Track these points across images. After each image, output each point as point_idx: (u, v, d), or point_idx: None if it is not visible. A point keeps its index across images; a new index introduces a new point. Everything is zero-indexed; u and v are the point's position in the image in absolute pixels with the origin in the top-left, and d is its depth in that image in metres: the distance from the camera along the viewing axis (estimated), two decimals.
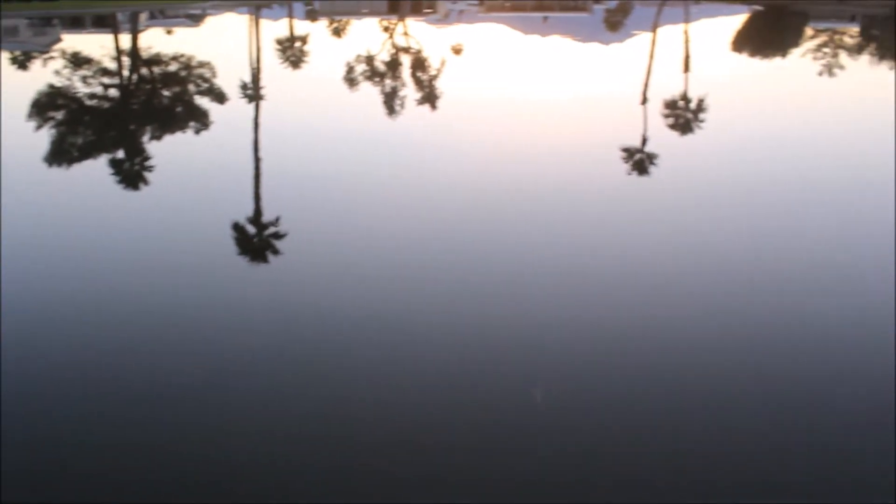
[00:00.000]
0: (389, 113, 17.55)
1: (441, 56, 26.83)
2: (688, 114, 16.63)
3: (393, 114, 17.48)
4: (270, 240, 8.96)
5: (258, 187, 11.32)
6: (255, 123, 16.39)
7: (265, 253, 8.72)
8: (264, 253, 8.73)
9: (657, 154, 12.88)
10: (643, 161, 12.60)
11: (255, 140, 14.53)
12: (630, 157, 12.78)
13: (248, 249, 8.87)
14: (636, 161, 12.61)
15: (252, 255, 8.77)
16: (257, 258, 8.69)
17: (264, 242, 8.98)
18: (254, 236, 9.23)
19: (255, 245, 9.01)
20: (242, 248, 8.88)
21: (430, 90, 20.58)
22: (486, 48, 32.81)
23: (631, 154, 12.89)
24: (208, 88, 20.43)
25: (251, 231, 9.31)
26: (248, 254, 8.79)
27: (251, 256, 8.74)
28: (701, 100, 17.59)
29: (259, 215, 9.81)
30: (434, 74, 23.41)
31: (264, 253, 8.73)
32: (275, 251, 8.68)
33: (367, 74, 23.26)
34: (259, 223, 9.54)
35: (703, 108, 16.98)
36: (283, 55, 28.87)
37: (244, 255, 8.75)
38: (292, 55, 29.04)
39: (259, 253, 8.79)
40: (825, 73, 24.27)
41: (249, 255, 8.77)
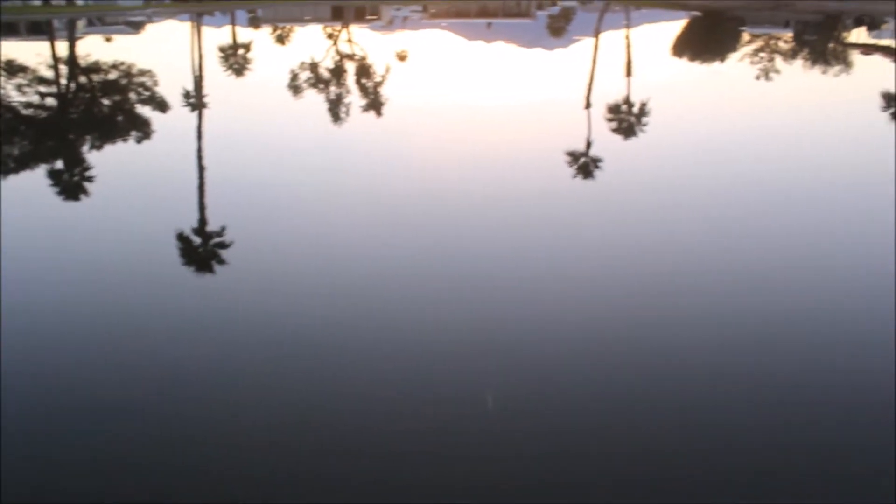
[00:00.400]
0: (334, 120, 17.48)
1: (386, 63, 26.82)
2: (631, 118, 16.89)
3: (338, 121, 17.40)
4: (216, 250, 8.85)
5: (202, 197, 11.17)
6: (198, 132, 16.17)
7: (211, 263, 8.61)
8: (210, 263, 8.62)
9: (601, 158, 13.06)
10: (588, 165, 12.76)
11: (198, 149, 14.34)
12: (575, 161, 12.93)
13: (193, 260, 8.74)
14: (581, 165, 12.76)
15: (197, 265, 8.65)
16: (203, 269, 8.57)
17: (210, 252, 8.87)
18: (199, 246, 9.10)
19: (200, 255, 8.88)
20: (187, 258, 8.75)
21: (375, 97, 20.55)
22: (431, 54, 32.88)
23: (576, 158, 13.04)
24: (150, 97, 20.11)
25: (196, 241, 9.19)
26: (194, 264, 8.66)
27: (196, 267, 8.62)
28: (644, 104, 17.88)
29: (204, 225, 9.68)
30: (379, 81, 23.39)
31: (210, 263, 8.62)
32: (220, 261, 8.57)
33: (311, 81, 23.13)
34: (204, 233, 9.41)
35: (645, 111, 17.27)
36: (226, 63, 28.55)
37: (189, 265, 8.62)
38: (235, 63, 28.73)
39: (204, 263, 8.67)
40: (762, 76, 24.89)
41: (195, 265, 8.65)
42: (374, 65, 27.21)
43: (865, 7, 55.50)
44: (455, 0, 67.71)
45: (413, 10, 59.15)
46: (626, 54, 31.44)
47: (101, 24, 47.76)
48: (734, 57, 30.94)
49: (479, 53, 33.84)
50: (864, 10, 53.76)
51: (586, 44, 36.68)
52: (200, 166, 13.00)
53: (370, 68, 26.58)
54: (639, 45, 35.67)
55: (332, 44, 35.00)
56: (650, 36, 43.58)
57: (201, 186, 11.73)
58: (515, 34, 43.43)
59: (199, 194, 11.31)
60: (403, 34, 43.17)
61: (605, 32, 42.37)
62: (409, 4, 62.44)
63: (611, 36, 40.38)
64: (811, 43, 38.59)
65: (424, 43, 37.99)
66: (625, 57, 30.23)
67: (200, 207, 10.59)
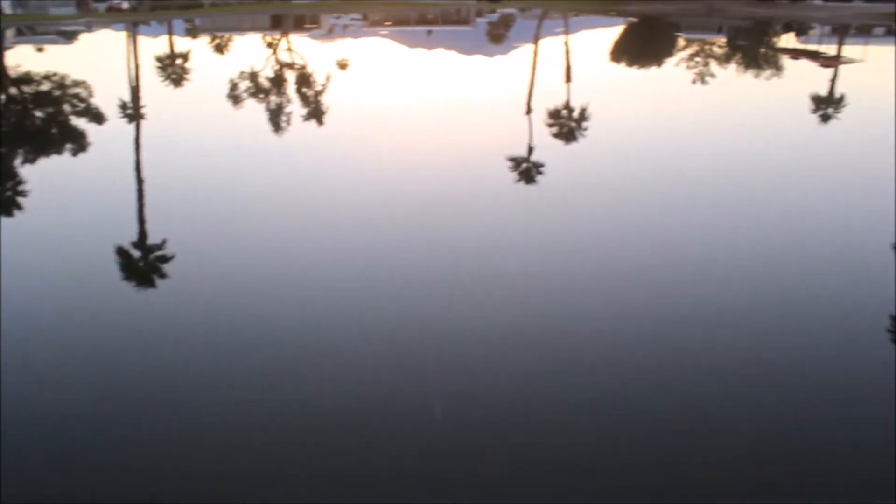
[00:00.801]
0: (275, 129, 17.34)
1: (326, 71, 26.70)
2: (571, 122, 17.11)
3: (279, 130, 17.27)
4: (157, 263, 8.71)
5: (142, 209, 10.99)
6: (136, 143, 15.87)
7: (152, 277, 8.47)
8: (151, 277, 8.48)
9: (543, 163, 13.21)
10: (530, 170, 12.90)
11: (136, 161, 14.08)
12: (517, 166, 13.06)
13: (133, 274, 8.60)
14: (523, 170, 12.89)
15: (138, 279, 8.51)
16: (144, 282, 8.44)
17: (150, 266, 8.73)
18: (139, 260, 8.95)
19: (140, 269, 8.74)
20: (128, 272, 8.60)
21: (315, 105, 20.45)
22: (372, 62, 32.84)
23: (518, 163, 13.17)
24: (85, 108, 19.69)
25: (136, 255, 9.04)
26: (134, 278, 8.52)
27: (137, 281, 8.48)
28: (583, 108, 18.12)
29: (144, 238, 9.52)
30: (319, 90, 23.28)
31: (151, 277, 8.48)
32: (161, 274, 8.44)
33: (251, 91, 22.91)
34: (144, 246, 9.26)
35: (585, 116, 17.50)
36: (163, 73, 28.09)
37: (130, 279, 8.48)
38: (173, 73, 28.30)
39: (145, 277, 8.53)
40: (698, 80, 25.46)
41: (135, 279, 8.51)
42: (313, 73, 27.06)
43: (793, 13, 57.23)
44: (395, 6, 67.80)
45: (353, 18, 58.98)
46: (566, 60, 31.83)
47: (31, 33, 46.57)
48: (671, 61, 31.57)
49: (419, 61, 33.93)
50: (792, 16, 55.42)
51: (526, 50, 37.03)
52: (139, 178, 12.78)
53: (310, 77, 26.44)
54: (578, 51, 36.15)
55: (271, 53, 34.72)
56: (589, 42, 44.20)
57: (140, 199, 11.54)
58: (456, 41, 43.64)
59: (139, 207, 11.12)
60: (344, 42, 43.03)
61: (544, 39, 42.84)
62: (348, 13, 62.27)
63: (550, 42, 40.86)
64: (744, 48, 39.62)
65: (365, 51, 37.92)
66: (564, 63, 30.61)
67: (140, 220, 10.42)
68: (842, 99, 20.71)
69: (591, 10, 64.90)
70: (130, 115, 19.33)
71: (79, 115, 19.09)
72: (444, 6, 68.77)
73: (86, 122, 18.04)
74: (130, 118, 19.03)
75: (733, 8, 60.07)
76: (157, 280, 8.38)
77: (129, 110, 19.97)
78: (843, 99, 20.68)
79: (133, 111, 19.96)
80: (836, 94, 22.02)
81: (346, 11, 63.59)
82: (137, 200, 11.45)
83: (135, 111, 20.01)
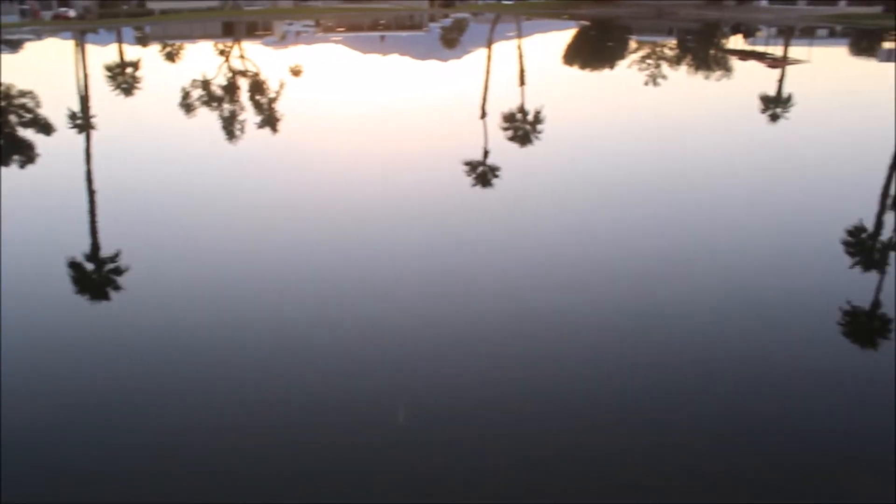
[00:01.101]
0: (229, 137, 17.17)
1: (280, 78, 26.52)
2: (526, 126, 17.23)
3: (233, 138, 17.11)
4: (111, 276, 8.57)
5: (94, 221, 10.80)
6: (86, 154, 15.59)
7: (106, 290, 8.34)
8: (105, 290, 8.35)
9: (499, 166, 13.29)
10: (486, 173, 12.96)
11: (87, 172, 13.84)
12: (473, 170, 13.12)
13: (87, 287, 8.45)
14: (479, 174, 12.95)
15: (92, 292, 8.37)
16: (98, 296, 8.30)
17: (104, 279, 8.59)
18: (93, 273, 8.81)
19: (94, 282, 8.59)
20: (81, 286, 8.46)
21: (270, 113, 20.31)
22: (326, 69, 32.69)
23: (474, 167, 13.23)
24: (32, 119, 19.30)
25: (89, 268, 8.89)
26: (88, 292, 8.38)
27: (91, 294, 8.34)
28: (538, 112, 18.25)
29: (97, 251, 9.37)
30: (274, 97, 23.11)
31: (105, 290, 8.35)
32: (116, 287, 8.32)
33: (204, 99, 22.66)
34: (97, 259, 9.11)
35: (539, 119, 17.64)
36: (113, 82, 27.66)
37: (83, 293, 8.34)
38: (124, 82, 27.87)
39: (99, 290, 8.39)
40: (650, 82, 25.82)
41: (89, 293, 8.37)
42: (267, 80, 26.86)
43: (740, 16, 58.36)
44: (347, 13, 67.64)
45: (305, 24, 58.63)
46: (519, 64, 32.05)
47: None
48: (623, 64, 31.98)
49: (373, 66, 33.86)
50: (740, 18, 56.52)
51: (480, 54, 37.20)
52: (90, 190, 12.56)
53: (264, 84, 26.24)
54: (531, 55, 36.41)
55: (224, 60, 34.39)
56: (542, 45, 44.55)
57: (92, 211, 11.34)
58: (409, 46, 43.65)
59: (91, 219, 10.93)
60: (297, 49, 42.76)
61: (497, 43, 43.07)
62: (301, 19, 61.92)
63: (503, 46, 41.09)
64: (694, 49, 40.29)
65: (318, 57, 37.74)
66: (518, 67, 30.81)
67: (92, 232, 10.24)
68: (789, 99, 21.18)
69: (544, 14, 65.48)
70: (80, 126, 18.99)
71: (26, 125, 18.71)
72: (398, 12, 68.81)
73: (33, 133, 17.69)
74: (80, 128, 18.69)
75: (683, 11, 61.08)
76: (112, 293, 8.25)
77: (79, 120, 19.62)
78: (790, 99, 21.15)
79: (83, 121, 19.61)
80: (783, 93, 22.52)
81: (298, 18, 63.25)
82: (89, 212, 11.25)
83: (84, 121, 19.66)
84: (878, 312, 7.70)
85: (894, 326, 7.37)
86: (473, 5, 76.26)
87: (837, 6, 60.24)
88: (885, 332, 7.36)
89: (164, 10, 66.58)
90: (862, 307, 7.71)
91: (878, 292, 8.11)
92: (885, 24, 48.69)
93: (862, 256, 9.43)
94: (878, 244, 9.87)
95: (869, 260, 9.40)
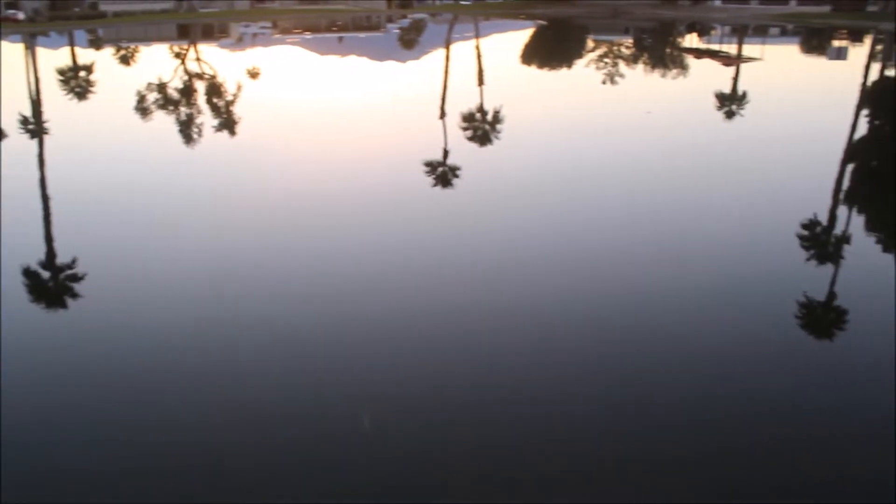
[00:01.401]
0: (185, 141, 16.95)
1: (237, 80, 26.24)
2: (485, 125, 17.27)
3: (189, 141, 16.88)
4: (67, 283, 8.42)
5: (49, 228, 10.59)
6: (39, 160, 15.28)
7: (63, 297, 8.19)
8: (62, 297, 8.20)
9: (459, 166, 13.30)
10: (446, 173, 12.97)
11: (41, 178, 13.56)
12: (433, 170, 13.12)
13: (43, 295, 8.29)
14: (440, 174, 12.96)
15: (48, 300, 8.21)
16: (54, 303, 8.15)
17: (61, 286, 8.43)
18: (49, 281, 8.64)
19: (50, 290, 8.43)
20: (37, 294, 8.29)
21: (227, 116, 20.09)
22: (284, 71, 32.44)
23: (434, 167, 13.23)
24: None
25: (45, 276, 8.71)
26: (44, 300, 8.22)
27: (48, 302, 8.18)
28: (496, 111, 18.31)
29: (52, 258, 9.19)
30: (231, 99, 22.87)
31: (62, 297, 8.20)
32: (73, 294, 8.17)
33: (159, 103, 22.34)
34: (53, 266, 8.94)
35: (499, 119, 17.70)
36: (66, 86, 27.14)
37: (40, 301, 8.17)
38: (77, 86, 27.37)
39: (56, 298, 8.24)
40: (607, 80, 26.08)
41: (45, 301, 8.21)
42: (224, 83, 26.58)
43: (695, 15, 59.16)
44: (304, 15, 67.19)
45: (262, 26, 58.09)
46: (478, 64, 32.13)
47: None
48: (580, 63, 32.22)
49: (332, 68, 33.68)
50: (695, 17, 57.30)
51: (438, 55, 37.22)
52: (44, 196, 12.30)
53: (220, 87, 25.97)
54: (489, 55, 36.50)
55: (179, 63, 33.95)
56: (500, 45, 44.72)
57: (47, 217, 11.11)
58: (367, 47, 43.51)
59: (45, 226, 10.72)
60: (254, 51, 42.37)
61: (455, 43, 43.14)
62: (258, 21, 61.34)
63: (461, 47, 41.17)
64: (650, 48, 40.76)
65: (276, 59, 37.42)
66: (476, 67, 30.88)
67: (47, 240, 10.05)
68: (744, 96, 21.53)
69: (501, 14, 65.73)
70: (32, 131, 18.60)
71: None
72: (355, 13, 68.56)
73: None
74: (32, 134, 18.31)
75: (638, 10, 61.78)
76: (69, 300, 8.11)
77: (31, 125, 19.22)
78: (745, 96, 21.49)
79: (35, 126, 19.21)
80: (738, 91, 22.89)
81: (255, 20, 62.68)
82: (44, 219, 11.03)
83: (37, 126, 19.26)
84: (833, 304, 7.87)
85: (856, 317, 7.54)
86: (431, 6, 76.26)
87: (788, 6, 61.39)
88: (841, 323, 7.52)
89: (118, 12, 65.47)
90: (817, 299, 7.87)
91: (833, 284, 8.30)
92: (834, 23, 49.80)
93: (817, 249, 9.62)
94: (832, 237, 10.08)
95: (823, 253, 9.59)
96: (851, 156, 14.49)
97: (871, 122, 18.76)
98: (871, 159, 15.17)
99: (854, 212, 11.34)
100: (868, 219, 11.09)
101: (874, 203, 12.18)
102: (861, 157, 14.91)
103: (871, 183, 13.48)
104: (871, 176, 14.04)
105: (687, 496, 4.83)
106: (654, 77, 28.10)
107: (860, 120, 18.34)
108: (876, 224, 10.89)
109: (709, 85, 24.07)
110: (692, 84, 25.81)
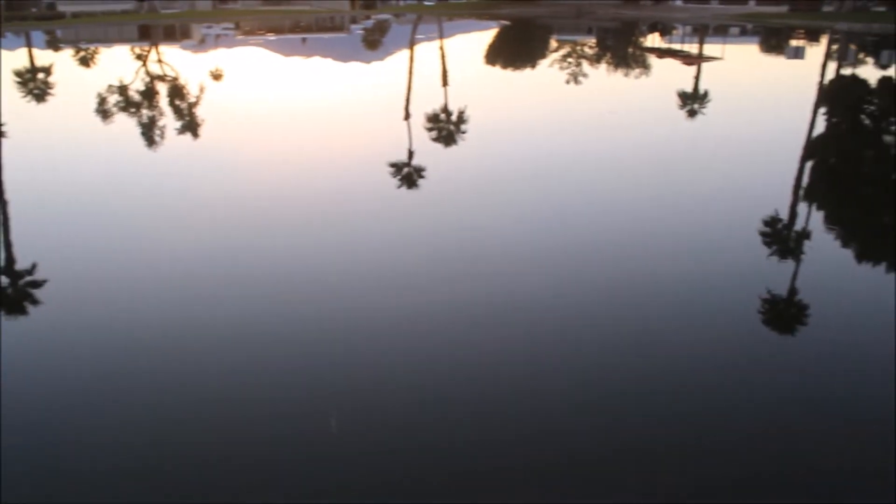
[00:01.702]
0: (148, 143, 16.74)
1: (200, 82, 26.00)
2: (450, 126, 17.30)
3: (152, 144, 16.68)
4: (27, 289, 8.28)
5: (7, 233, 10.41)
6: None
7: (23, 304, 8.05)
8: (22, 304, 8.05)
9: (424, 167, 13.31)
10: (411, 175, 12.97)
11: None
12: (398, 171, 13.11)
13: (2, 303, 8.14)
14: (405, 175, 12.95)
15: (8, 308, 8.06)
16: (14, 311, 8.00)
17: (21, 293, 8.28)
18: (7, 287, 8.49)
19: (10, 297, 8.28)
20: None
21: (189, 118, 19.89)
22: (248, 72, 32.18)
23: (399, 168, 13.22)
24: None
25: (4, 282, 8.56)
26: (3, 307, 8.07)
27: (7, 310, 8.04)
28: (461, 112, 18.35)
29: (11, 263, 9.03)
30: (194, 101, 22.64)
31: (22, 304, 8.05)
32: (34, 301, 8.04)
33: (121, 105, 22.05)
34: (12, 272, 8.79)
35: (463, 119, 17.74)
36: (24, 88, 26.68)
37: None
38: (35, 87, 26.92)
39: (16, 305, 8.09)
40: (571, 80, 26.26)
41: (4, 308, 8.06)
42: (186, 85, 26.31)
43: (657, 15, 59.80)
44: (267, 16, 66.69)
45: (225, 28, 57.58)
46: (442, 64, 32.16)
47: None
48: (544, 63, 32.41)
49: (295, 69, 33.49)
50: (657, 17, 57.92)
51: (402, 56, 37.19)
52: (2, 200, 12.09)
53: (183, 88, 25.70)
54: (454, 55, 36.57)
55: (141, 65, 33.55)
56: (464, 46, 44.82)
57: (5, 222, 10.93)
58: (331, 48, 43.32)
59: (4, 231, 10.54)
60: (217, 53, 41.98)
61: (420, 44, 43.14)
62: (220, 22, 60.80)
63: (426, 47, 41.18)
64: (612, 48, 41.11)
65: (240, 61, 37.11)
66: (440, 67, 30.92)
67: (6, 245, 9.87)
68: (706, 95, 21.82)
69: (465, 15, 65.86)
70: None
71: None
72: (319, 13, 68.24)
73: None
74: None
75: (601, 10, 62.26)
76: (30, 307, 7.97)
77: None
78: (706, 95, 21.78)
79: None
80: (700, 90, 23.18)
81: (217, 21, 62.11)
82: (2, 224, 10.84)
83: None
84: (794, 299, 8.01)
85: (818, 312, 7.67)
86: (395, 7, 76.15)
87: (748, 6, 62.27)
88: (803, 318, 7.66)
89: (77, 12, 64.50)
90: (780, 294, 8.00)
91: (794, 279, 8.44)
92: (791, 23, 50.67)
93: (778, 246, 9.78)
94: (792, 233, 10.25)
95: (785, 249, 9.75)
96: (810, 153, 14.75)
97: (829, 120, 19.13)
98: (830, 156, 15.47)
99: (814, 208, 11.56)
100: (827, 215, 11.30)
101: (833, 199, 12.43)
102: (820, 154, 15.19)
103: (829, 179, 13.75)
104: (829, 173, 14.32)
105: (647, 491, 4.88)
106: (617, 76, 28.37)
107: (818, 118, 18.69)
108: (835, 219, 11.10)
109: (671, 84, 24.38)
110: (655, 83, 26.09)
